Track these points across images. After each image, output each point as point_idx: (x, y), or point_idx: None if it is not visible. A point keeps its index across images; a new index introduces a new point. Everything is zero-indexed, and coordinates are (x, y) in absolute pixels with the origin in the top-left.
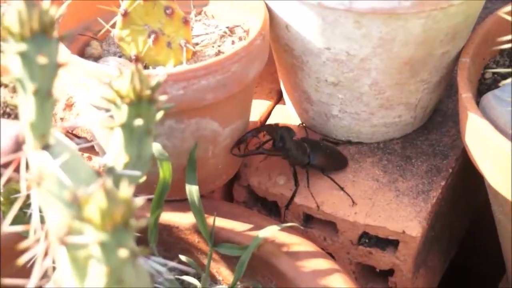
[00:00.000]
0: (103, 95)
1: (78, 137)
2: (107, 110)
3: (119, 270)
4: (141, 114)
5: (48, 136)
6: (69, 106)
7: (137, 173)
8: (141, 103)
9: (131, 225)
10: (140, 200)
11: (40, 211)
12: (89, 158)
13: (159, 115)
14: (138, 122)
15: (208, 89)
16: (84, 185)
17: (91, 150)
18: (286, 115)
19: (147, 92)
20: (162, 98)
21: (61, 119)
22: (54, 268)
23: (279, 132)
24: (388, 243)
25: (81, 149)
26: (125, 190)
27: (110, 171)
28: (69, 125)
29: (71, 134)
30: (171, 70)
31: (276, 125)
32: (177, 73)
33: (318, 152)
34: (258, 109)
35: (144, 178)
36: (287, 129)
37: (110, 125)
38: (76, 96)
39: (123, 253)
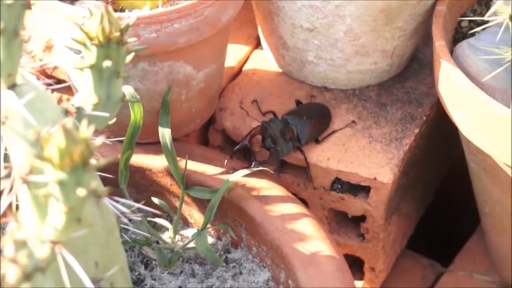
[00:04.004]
0: (73, 36)
1: (58, 79)
2: (80, 52)
3: (78, 209)
4: (110, 56)
5: (15, 75)
6: (49, 48)
7: (105, 114)
8: (110, 45)
9: (90, 164)
10: (99, 140)
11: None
12: (68, 100)
13: (129, 57)
14: (107, 63)
15: (181, 32)
16: (50, 125)
17: (70, 91)
18: (264, 60)
19: (116, 34)
20: (132, 40)
21: (40, 60)
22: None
23: (268, 131)
24: (360, 189)
25: (60, 91)
26: (85, 130)
27: (79, 111)
28: (38, 65)
29: (50, 76)
30: (144, 13)
31: (264, 122)
32: (150, 16)
33: (304, 128)
34: (236, 54)
35: (114, 120)
36: (273, 120)
37: (79, 66)
38: (52, 37)
39: (81, 192)
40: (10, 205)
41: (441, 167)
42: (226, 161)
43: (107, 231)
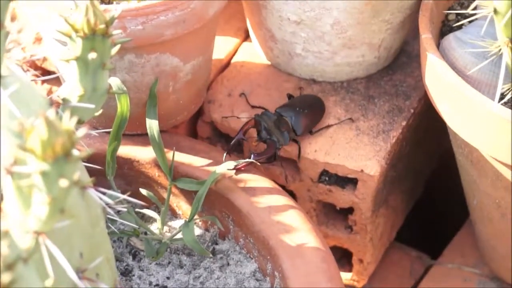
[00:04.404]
0: (59, 28)
1: (47, 71)
2: (66, 44)
3: (61, 199)
4: (96, 48)
5: (0, 67)
6: (38, 40)
7: (91, 105)
8: (95, 37)
9: (73, 155)
10: (82, 131)
11: None
12: None
13: (115, 49)
14: (92, 55)
15: (167, 25)
16: (35, 116)
17: (60, 83)
18: (252, 53)
19: (101, 26)
20: (117, 32)
21: (30, 54)
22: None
23: (262, 123)
24: (348, 182)
25: (50, 82)
26: (67, 121)
27: (65, 102)
28: (24, 56)
29: (39, 67)
30: (130, 5)
31: (256, 115)
32: (136, 8)
33: (299, 119)
34: (225, 47)
35: (100, 111)
36: (265, 113)
37: (65, 58)
38: (40, 29)
39: (63, 183)
40: None
41: (430, 160)
42: (224, 157)
43: (92, 222)
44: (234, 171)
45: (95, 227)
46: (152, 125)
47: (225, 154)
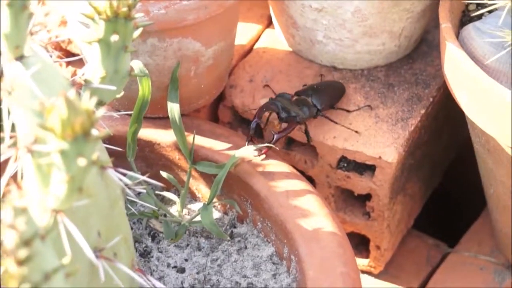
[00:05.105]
0: (82, 11)
1: (72, 53)
2: (89, 26)
3: (79, 178)
4: (118, 31)
5: (23, 47)
6: (64, 23)
7: (112, 87)
8: (117, 20)
9: (92, 135)
10: (101, 112)
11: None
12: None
13: (137, 32)
14: (115, 38)
15: (189, 9)
16: (56, 96)
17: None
18: (275, 39)
19: (124, 9)
20: (139, 15)
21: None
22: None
23: (278, 104)
24: (366, 168)
25: (74, 65)
26: (87, 101)
27: (86, 84)
28: (47, 37)
29: (64, 50)
30: None
31: (271, 98)
32: None
33: (319, 96)
34: (248, 33)
35: (121, 93)
36: (281, 95)
37: (88, 40)
38: (65, 12)
39: (81, 162)
40: (15, 175)
41: (448, 149)
42: (246, 144)
43: (111, 202)
44: (257, 155)
45: (114, 207)
46: (173, 109)
47: (247, 142)
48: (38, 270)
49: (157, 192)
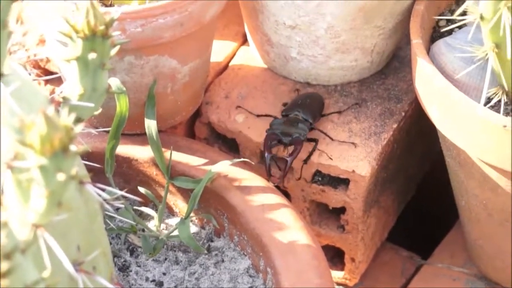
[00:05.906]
0: (60, 29)
1: (50, 72)
2: (67, 44)
3: (58, 193)
4: (95, 49)
5: (2, 65)
6: (42, 42)
7: (90, 104)
8: (95, 38)
9: (70, 150)
10: (79, 128)
11: None
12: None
13: (114, 50)
14: (92, 56)
15: (166, 27)
16: (35, 113)
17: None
18: (250, 56)
19: (101, 27)
20: (116, 33)
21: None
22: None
23: (277, 132)
24: (340, 182)
25: (53, 83)
26: (66, 117)
27: (65, 101)
28: (25, 56)
29: (43, 68)
30: (130, 8)
31: (267, 130)
32: (135, 11)
33: (306, 110)
34: (223, 50)
35: (99, 110)
36: (274, 122)
37: (66, 58)
38: (43, 31)
39: (61, 176)
40: None
41: (421, 162)
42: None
43: (90, 216)
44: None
45: (92, 222)
46: (151, 125)
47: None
48: (19, 282)
49: (135, 207)
